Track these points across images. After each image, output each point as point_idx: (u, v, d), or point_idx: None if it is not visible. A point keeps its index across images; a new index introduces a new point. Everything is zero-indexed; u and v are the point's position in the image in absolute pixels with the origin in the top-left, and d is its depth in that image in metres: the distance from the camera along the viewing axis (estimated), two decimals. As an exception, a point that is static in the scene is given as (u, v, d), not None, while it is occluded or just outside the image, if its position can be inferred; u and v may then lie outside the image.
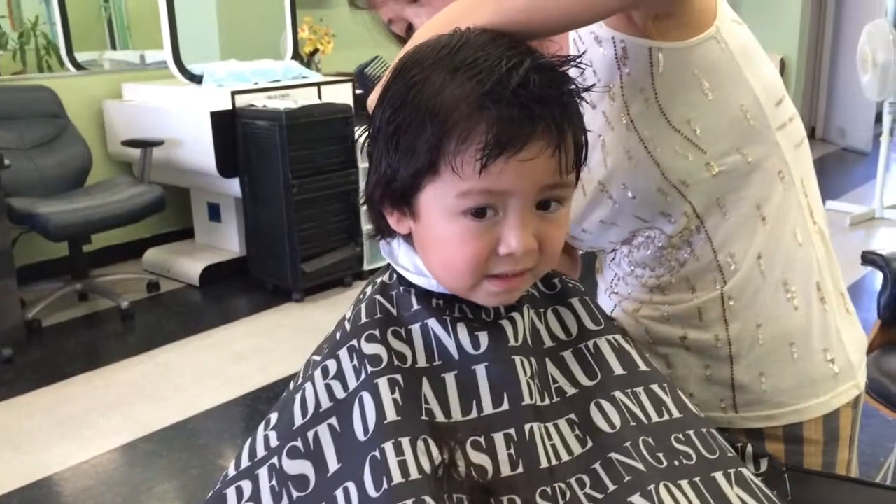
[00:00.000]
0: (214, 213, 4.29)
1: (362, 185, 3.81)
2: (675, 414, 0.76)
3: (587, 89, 0.71)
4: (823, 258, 0.94)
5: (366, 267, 4.00)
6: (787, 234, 0.91)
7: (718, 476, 0.72)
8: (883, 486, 0.94)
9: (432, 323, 0.74)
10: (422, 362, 0.72)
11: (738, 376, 0.93)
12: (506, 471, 0.68)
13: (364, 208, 0.80)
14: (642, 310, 0.99)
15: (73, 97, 4.08)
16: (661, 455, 0.71)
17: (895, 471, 2.09)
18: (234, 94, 3.83)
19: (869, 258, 2.11)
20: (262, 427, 0.76)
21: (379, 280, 0.79)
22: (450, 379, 0.72)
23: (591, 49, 0.87)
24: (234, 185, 3.92)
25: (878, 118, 5.71)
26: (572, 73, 0.71)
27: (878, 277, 2.07)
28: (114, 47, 5.29)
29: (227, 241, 4.27)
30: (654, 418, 0.74)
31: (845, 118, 7.40)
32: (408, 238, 0.76)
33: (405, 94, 0.69)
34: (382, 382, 0.69)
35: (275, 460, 0.72)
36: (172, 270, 4.19)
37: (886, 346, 2.09)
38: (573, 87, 0.69)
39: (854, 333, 0.97)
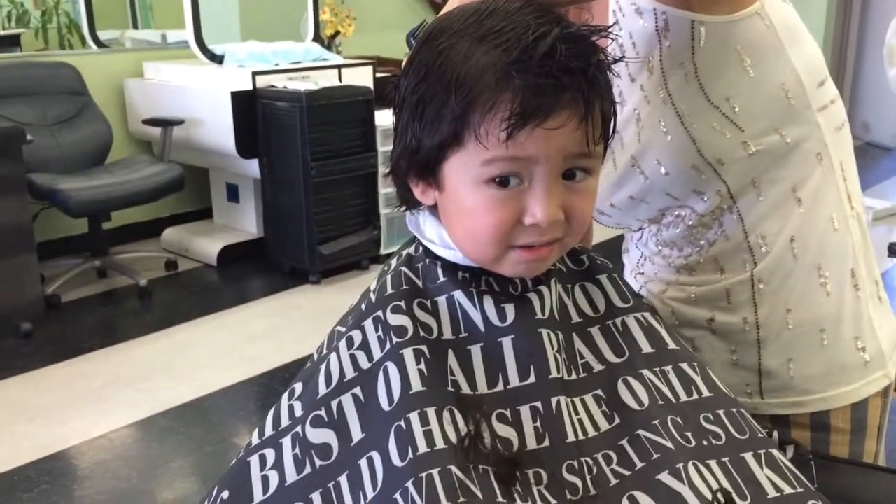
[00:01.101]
0: (233, 193, 4.30)
1: (381, 168, 3.81)
2: (705, 393, 0.75)
3: (616, 61, 0.70)
4: (859, 244, 0.93)
5: (383, 251, 4.00)
6: (822, 218, 0.90)
7: (748, 456, 0.71)
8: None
9: (458, 295, 0.73)
10: (448, 334, 0.72)
11: (765, 361, 0.92)
12: (531, 444, 0.67)
13: (387, 181, 0.79)
14: (669, 291, 0.98)
15: (94, 75, 4.09)
16: (689, 434, 0.70)
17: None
18: (254, 74, 3.82)
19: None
20: (286, 396, 0.76)
21: (405, 252, 0.78)
22: (476, 351, 0.71)
23: (631, 20, 0.86)
24: (253, 166, 3.92)
25: (903, 113, 5.63)
26: (609, 45, 0.70)
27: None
28: (135, 26, 5.29)
29: (245, 222, 4.28)
30: (683, 397, 0.73)
31: (870, 113, 7.31)
32: (433, 210, 0.75)
33: (430, 63, 0.68)
34: (408, 353, 0.69)
35: (298, 429, 0.71)
36: (190, 250, 4.21)
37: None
38: (602, 58, 0.68)
39: (887, 322, 0.96)
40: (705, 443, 0.70)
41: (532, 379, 0.70)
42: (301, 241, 3.83)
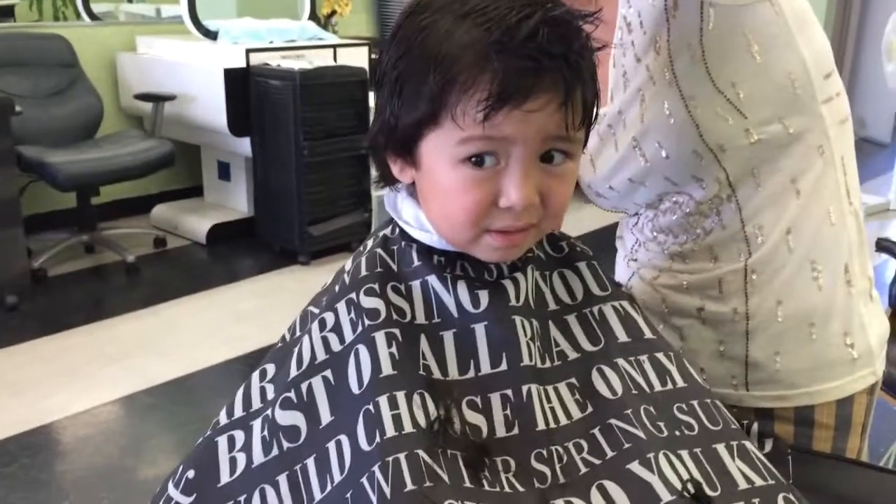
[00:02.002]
0: (224, 171, 4.27)
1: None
2: (680, 383, 0.74)
3: (601, 48, 0.68)
4: (855, 241, 0.92)
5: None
6: (820, 212, 0.89)
7: (720, 448, 0.70)
8: (888, 471, 0.92)
9: (433, 280, 0.72)
10: (421, 319, 0.71)
11: (752, 353, 0.91)
12: (501, 432, 0.67)
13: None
14: (661, 278, 0.97)
15: (86, 48, 4.05)
16: (662, 424, 0.69)
17: (895, 463, 2.07)
18: (248, 51, 3.79)
19: (884, 245, 2.07)
20: (257, 377, 0.75)
21: (381, 233, 0.77)
22: (448, 337, 0.70)
23: None
24: (244, 145, 3.89)
25: (900, 110, 5.63)
26: (611, 30, 0.68)
27: (891, 267, 2.04)
28: (130, 0, 5.24)
29: (236, 201, 4.25)
30: (658, 387, 0.73)
31: (866, 108, 7.30)
32: (411, 189, 0.74)
33: (412, 39, 0.66)
34: (379, 336, 0.68)
35: (269, 412, 0.70)
36: (180, 227, 4.18)
37: (896, 336, 2.06)
38: (586, 43, 0.66)
39: (877, 320, 0.95)
40: (678, 433, 0.70)
41: (504, 366, 0.69)
42: (291, 222, 3.81)
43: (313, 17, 4.59)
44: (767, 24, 0.82)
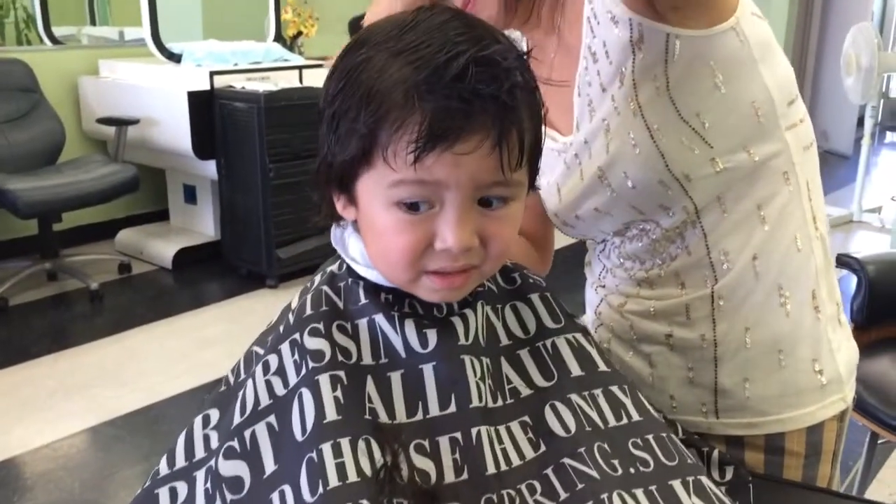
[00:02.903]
0: (190, 195, 4.21)
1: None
2: (635, 417, 0.72)
3: (535, 89, 0.66)
4: (822, 266, 0.91)
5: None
6: (786, 238, 0.88)
7: (676, 484, 0.68)
8: (852, 498, 0.91)
9: (379, 318, 0.70)
10: (367, 359, 0.68)
11: (721, 380, 0.90)
12: (450, 477, 0.64)
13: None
14: (628, 304, 0.95)
15: (47, 72, 3.99)
16: (616, 462, 0.67)
17: (861, 477, 2.07)
18: (212, 74, 3.75)
19: (844, 261, 2.07)
20: (199, 423, 0.72)
21: (328, 269, 0.74)
22: (395, 378, 0.68)
23: (606, 28, 0.84)
24: (210, 167, 3.85)
25: (861, 122, 5.72)
26: (575, 60, 0.65)
27: (852, 282, 2.04)
28: (93, 23, 5.18)
29: (203, 224, 4.19)
30: (612, 422, 0.71)
31: (828, 121, 7.42)
32: (357, 225, 0.72)
33: (348, 74, 0.65)
34: (324, 379, 0.65)
35: (213, 462, 0.67)
36: (145, 252, 4.11)
37: (859, 351, 2.07)
38: (519, 82, 0.63)
39: (846, 345, 0.94)
40: (632, 470, 0.68)
41: (453, 408, 0.67)
42: (259, 245, 3.77)
43: (279, 38, 4.57)
44: (732, 54, 0.81)
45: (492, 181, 0.63)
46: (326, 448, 0.61)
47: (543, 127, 0.68)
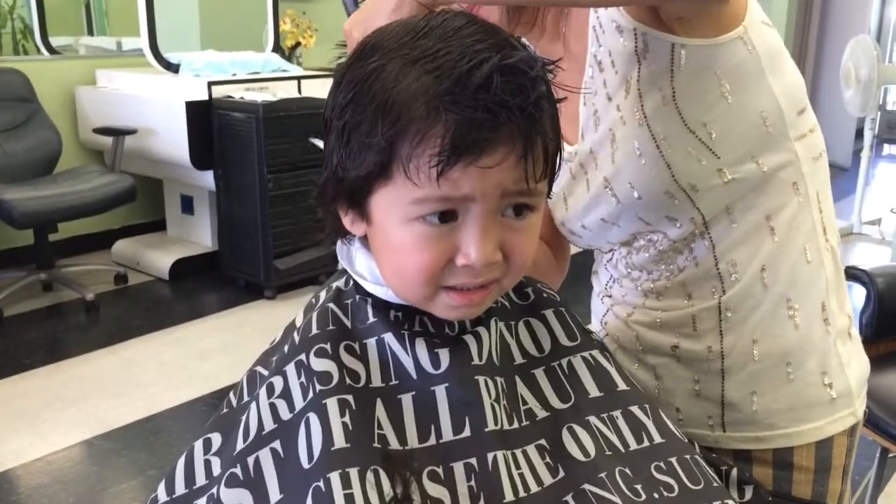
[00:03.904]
0: (187, 205, 4.19)
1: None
2: (657, 439, 0.70)
3: (560, 100, 0.64)
4: (832, 278, 0.89)
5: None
6: (795, 249, 0.86)
7: None
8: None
9: (389, 338, 0.67)
10: (376, 382, 0.65)
11: (728, 393, 0.88)
12: None
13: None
14: (635, 314, 0.94)
15: (44, 82, 3.97)
16: (639, 487, 0.65)
17: (872, 492, 2.05)
18: (210, 84, 3.74)
19: (852, 273, 2.05)
20: (200, 448, 0.69)
21: (334, 285, 0.72)
22: (406, 401, 0.65)
23: (611, 38, 0.82)
24: (208, 178, 3.82)
25: (860, 134, 5.72)
26: (581, 68, 0.64)
27: (859, 294, 2.02)
28: (91, 33, 5.17)
29: (200, 235, 4.17)
30: (633, 445, 0.68)
31: (827, 133, 7.35)
32: (365, 241, 0.69)
33: (360, 83, 0.61)
34: (332, 403, 0.62)
35: (214, 490, 0.64)
36: (142, 263, 4.09)
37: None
38: (545, 91, 0.61)
39: (857, 359, 0.92)
40: (656, 495, 0.65)
41: (467, 432, 0.64)
42: (256, 256, 3.74)
43: (277, 49, 4.56)
44: (740, 64, 0.80)
45: (517, 190, 0.61)
46: (335, 477, 0.59)
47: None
